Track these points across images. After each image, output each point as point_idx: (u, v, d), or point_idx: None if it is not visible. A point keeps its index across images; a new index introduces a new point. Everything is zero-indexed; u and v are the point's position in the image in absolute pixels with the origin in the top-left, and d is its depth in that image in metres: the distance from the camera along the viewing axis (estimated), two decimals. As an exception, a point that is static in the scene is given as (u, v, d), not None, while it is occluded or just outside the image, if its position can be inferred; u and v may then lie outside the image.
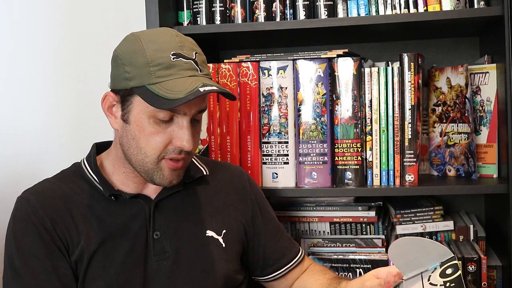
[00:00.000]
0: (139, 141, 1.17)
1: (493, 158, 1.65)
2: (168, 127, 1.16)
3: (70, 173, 1.28)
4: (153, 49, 1.14)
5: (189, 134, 1.16)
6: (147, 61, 1.13)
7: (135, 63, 1.14)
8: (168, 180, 1.20)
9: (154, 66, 1.13)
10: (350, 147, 1.59)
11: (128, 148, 1.19)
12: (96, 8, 2.01)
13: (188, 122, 1.16)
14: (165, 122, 1.16)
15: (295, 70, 1.59)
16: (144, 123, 1.16)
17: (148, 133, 1.16)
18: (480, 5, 1.59)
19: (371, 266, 1.61)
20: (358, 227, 1.72)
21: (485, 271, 1.56)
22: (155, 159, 1.17)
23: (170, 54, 1.14)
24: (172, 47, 1.15)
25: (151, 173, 1.19)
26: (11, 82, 2.06)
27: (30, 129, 2.06)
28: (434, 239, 1.73)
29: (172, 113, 1.15)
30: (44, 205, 1.20)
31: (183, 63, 1.14)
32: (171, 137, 1.16)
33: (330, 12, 1.62)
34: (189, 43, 1.19)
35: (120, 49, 1.19)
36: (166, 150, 1.17)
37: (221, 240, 1.29)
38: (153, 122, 1.15)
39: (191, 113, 1.16)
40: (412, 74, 1.55)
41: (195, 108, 1.17)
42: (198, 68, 1.16)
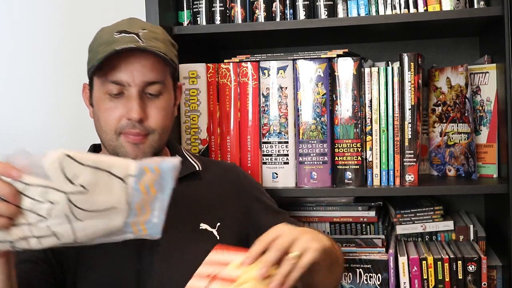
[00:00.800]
0: (100, 119, 1.23)
1: (493, 158, 1.65)
2: (120, 101, 1.21)
3: None
4: (104, 32, 1.24)
5: (136, 104, 1.19)
6: (98, 43, 1.22)
7: (91, 49, 1.24)
8: (131, 156, 1.21)
9: (100, 46, 1.20)
10: (350, 147, 1.59)
11: (97, 130, 1.26)
12: (96, 8, 2.01)
13: (136, 93, 1.19)
14: (117, 97, 1.20)
15: (295, 70, 1.59)
16: (101, 101, 1.22)
17: (104, 110, 1.21)
18: (480, 5, 1.59)
19: (371, 266, 1.61)
20: (358, 227, 1.72)
21: (485, 271, 1.56)
22: (113, 135, 1.21)
23: (115, 32, 1.21)
24: (119, 27, 1.22)
25: (116, 151, 1.23)
26: (11, 82, 2.06)
27: (30, 129, 2.06)
28: (434, 239, 1.73)
29: (119, 85, 1.19)
30: None
31: (124, 37, 1.20)
32: (122, 111, 1.20)
33: (330, 12, 1.62)
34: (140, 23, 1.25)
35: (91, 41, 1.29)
36: (120, 125, 1.21)
37: (215, 233, 1.29)
38: (107, 99, 1.21)
39: (135, 84, 1.19)
40: (412, 74, 1.55)
41: (139, 77, 1.19)
42: (140, 40, 1.19)
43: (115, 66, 1.18)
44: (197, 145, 1.64)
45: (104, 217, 0.94)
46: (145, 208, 0.97)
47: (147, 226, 0.98)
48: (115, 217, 0.95)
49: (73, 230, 0.93)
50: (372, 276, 1.61)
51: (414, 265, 1.58)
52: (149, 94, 1.22)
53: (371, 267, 1.61)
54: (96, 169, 0.92)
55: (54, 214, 0.91)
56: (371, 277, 1.61)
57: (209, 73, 1.63)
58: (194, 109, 1.63)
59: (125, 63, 1.19)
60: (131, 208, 0.96)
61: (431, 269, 1.57)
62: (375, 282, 1.61)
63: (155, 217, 0.98)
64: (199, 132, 1.64)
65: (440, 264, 1.57)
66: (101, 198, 0.93)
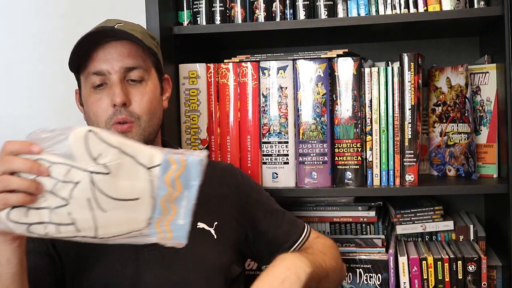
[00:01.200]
0: (90, 115, 1.24)
1: (493, 158, 1.65)
2: (103, 92, 1.22)
3: None
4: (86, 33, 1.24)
5: (118, 88, 1.20)
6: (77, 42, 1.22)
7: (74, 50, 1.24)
8: None
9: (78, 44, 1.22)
10: (350, 147, 1.59)
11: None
12: (96, 8, 2.01)
13: (117, 79, 1.21)
14: (100, 88, 1.22)
15: (295, 70, 1.59)
16: (88, 97, 1.24)
17: (91, 104, 1.23)
18: (480, 5, 1.59)
19: (371, 266, 1.61)
20: (358, 227, 1.72)
21: (485, 271, 1.56)
22: (104, 127, 1.22)
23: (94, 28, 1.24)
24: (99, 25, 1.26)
25: None
26: (11, 82, 2.06)
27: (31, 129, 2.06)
28: (434, 239, 1.73)
29: (101, 76, 1.21)
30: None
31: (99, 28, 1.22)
32: (107, 101, 1.22)
33: (330, 12, 1.62)
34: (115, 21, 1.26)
35: None
36: (108, 115, 1.22)
37: (213, 231, 1.29)
38: (93, 93, 1.23)
39: (115, 70, 1.21)
40: (412, 74, 1.55)
41: (118, 64, 1.21)
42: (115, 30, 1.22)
43: (94, 57, 1.21)
44: (197, 145, 1.64)
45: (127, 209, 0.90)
46: (170, 205, 0.93)
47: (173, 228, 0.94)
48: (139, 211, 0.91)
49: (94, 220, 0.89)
50: (372, 276, 1.61)
51: (414, 265, 1.58)
52: (131, 80, 1.24)
53: (371, 267, 1.61)
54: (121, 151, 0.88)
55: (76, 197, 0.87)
56: (371, 277, 1.61)
57: (209, 73, 1.63)
58: (194, 109, 1.63)
59: (103, 53, 1.22)
60: (156, 203, 0.92)
61: (431, 269, 1.57)
62: (375, 282, 1.61)
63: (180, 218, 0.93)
64: (199, 132, 1.64)
65: (440, 264, 1.57)
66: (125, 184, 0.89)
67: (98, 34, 1.21)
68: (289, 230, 1.41)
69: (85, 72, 1.23)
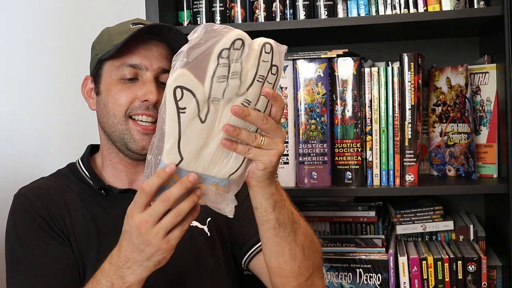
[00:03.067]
0: (108, 104, 1.22)
1: (493, 158, 1.65)
2: (133, 85, 1.21)
3: (65, 171, 1.33)
4: (116, 26, 1.26)
5: (153, 86, 1.20)
6: (110, 34, 1.23)
7: (102, 41, 1.24)
8: (140, 144, 1.22)
9: (115, 35, 1.22)
10: (350, 147, 1.59)
11: (102, 118, 1.25)
12: (96, 8, 2.01)
13: (152, 77, 1.21)
14: (131, 81, 1.21)
15: (295, 70, 1.59)
16: (111, 86, 1.21)
17: (114, 93, 1.21)
18: (480, 5, 1.59)
19: (371, 266, 1.61)
20: (358, 227, 1.72)
21: (485, 271, 1.56)
22: (122, 117, 1.21)
23: (130, 24, 1.23)
24: (132, 21, 1.25)
25: (122, 137, 1.22)
26: (11, 82, 2.06)
27: (31, 129, 2.06)
28: (434, 239, 1.73)
29: (135, 69, 1.20)
30: (39, 196, 1.23)
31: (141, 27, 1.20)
32: (137, 93, 1.20)
33: (330, 12, 1.62)
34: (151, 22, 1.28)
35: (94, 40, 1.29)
36: (132, 106, 1.20)
37: (206, 229, 1.29)
38: (120, 82, 1.21)
39: (153, 68, 1.21)
40: (412, 74, 1.55)
41: (157, 63, 1.21)
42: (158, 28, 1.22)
43: (133, 50, 1.20)
44: (197, 145, 1.64)
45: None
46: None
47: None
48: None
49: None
50: (372, 276, 1.61)
51: (414, 265, 1.58)
52: (162, 82, 1.23)
53: (371, 267, 1.61)
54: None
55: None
56: (371, 277, 1.62)
57: (209, 73, 1.63)
58: (194, 109, 1.63)
59: (144, 49, 1.20)
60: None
61: (431, 269, 1.57)
62: (375, 282, 1.61)
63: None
64: (199, 132, 1.64)
65: (440, 264, 1.57)
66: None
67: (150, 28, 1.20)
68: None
69: (118, 61, 1.21)
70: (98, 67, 1.25)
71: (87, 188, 1.28)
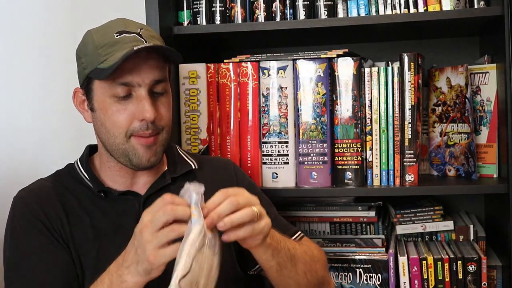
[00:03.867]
0: (106, 123, 1.21)
1: (493, 158, 1.65)
2: (128, 103, 1.19)
3: (64, 173, 1.32)
4: (99, 34, 1.20)
5: (148, 104, 1.18)
6: (94, 46, 1.19)
7: (87, 52, 1.20)
8: (145, 159, 1.22)
9: (100, 48, 1.18)
10: (350, 147, 1.59)
11: (101, 135, 1.24)
12: (96, 8, 2.01)
13: (146, 92, 1.19)
14: (125, 99, 1.19)
15: (295, 70, 1.59)
16: (106, 105, 1.19)
17: (111, 114, 1.19)
18: (480, 5, 1.59)
19: (371, 266, 1.61)
20: (358, 227, 1.72)
21: (485, 271, 1.56)
22: (124, 137, 1.20)
23: (114, 34, 1.19)
24: (116, 28, 1.20)
25: (126, 154, 1.21)
26: (12, 82, 2.06)
27: (31, 128, 2.06)
28: (434, 239, 1.73)
29: (128, 87, 1.18)
30: (38, 200, 1.23)
31: (126, 37, 1.18)
32: (133, 112, 1.19)
33: (330, 12, 1.62)
34: (134, 24, 1.22)
35: (77, 48, 1.25)
36: (132, 127, 1.19)
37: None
38: (114, 101, 1.19)
39: (145, 83, 1.18)
40: (412, 74, 1.55)
41: (149, 77, 1.18)
42: (143, 40, 1.19)
43: (123, 68, 1.16)
44: (197, 145, 1.64)
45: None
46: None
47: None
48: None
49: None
50: (372, 276, 1.61)
51: (414, 265, 1.58)
52: (155, 93, 1.21)
53: (371, 267, 1.61)
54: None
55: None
56: (371, 277, 1.62)
57: (209, 73, 1.63)
58: (194, 109, 1.63)
59: (133, 64, 1.17)
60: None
61: (431, 269, 1.57)
62: (375, 282, 1.61)
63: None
64: (199, 132, 1.64)
65: (440, 264, 1.57)
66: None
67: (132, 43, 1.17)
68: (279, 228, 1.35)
69: (109, 80, 1.18)
70: (87, 82, 1.22)
71: (86, 190, 1.27)
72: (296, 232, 1.39)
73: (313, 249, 1.32)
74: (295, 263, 1.22)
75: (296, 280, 1.23)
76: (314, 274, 1.27)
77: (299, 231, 1.40)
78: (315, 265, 1.28)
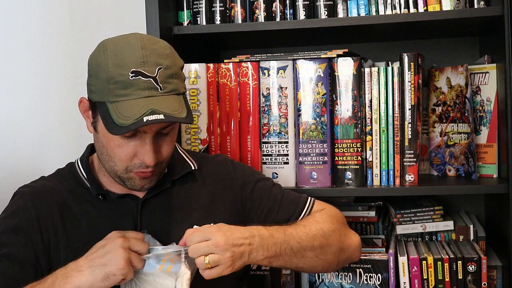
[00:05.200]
0: (108, 150, 1.20)
1: (493, 158, 1.65)
2: (132, 141, 1.18)
3: (64, 172, 1.34)
4: (115, 64, 1.14)
5: (150, 150, 1.18)
6: (108, 77, 1.14)
7: (98, 77, 1.16)
8: (139, 186, 1.24)
9: (113, 84, 1.13)
10: (350, 147, 1.59)
11: (101, 154, 1.24)
12: (96, 8, 2.01)
13: (150, 139, 1.18)
14: (129, 137, 1.18)
15: (295, 70, 1.59)
16: (109, 136, 1.18)
17: (114, 146, 1.19)
18: (480, 5, 1.59)
19: (371, 266, 1.61)
20: (358, 227, 1.72)
21: (485, 271, 1.56)
22: (124, 169, 1.21)
23: (130, 72, 1.13)
24: (133, 63, 1.14)
25: (122, 179, 1.23)
26: (11, 82, 2.06)
27: (30, 127, 2.06)
28: (434, 239, 1.73)
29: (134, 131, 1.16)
30: (34, 197, 1.25)
31: (141, 82, 1.13)
32: (135, 151, 1.19)
33: (330, 12, 1.62)
34: (154, 57, 1.16)
35: (91, 58, 1.21)
36: (133, 163, 1.20)
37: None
38: (118, 137, 1.17)
39: (152, 131, 1.18)
40: (412, 74, 1.55)
41: (156, 126, 1.17)
42: (158, 87, 1.14)
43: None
44: (197, 145, 1.64)
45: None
46: None
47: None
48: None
49: None
50: (372, 276, 1.61)
51: (414, 265, 1.58)
52: (162, 133, 1.21)
53: (371, 267, 1.61)
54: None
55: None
56: (371, 277, 1.62)
57: (209, 73, 1.63)
58: (194, 109, 1.63)
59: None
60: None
61: (431, 269, 1.57)
62: (375, 282, 1.61)
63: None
64: (199, 132, 1.64)
65: (440, 264, 1.57)
66: None
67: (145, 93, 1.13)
68: (289, 210, 1.38)
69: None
70: (94, 105, 1.19)
71: (85, 192, 1.28)
72: (305, 204, 1.39)
73: (323, 225, 1.32)
74: (303, 255, 1.26)
75: (307, 264, 1.28)
76: (329, 250, 1.30)
77: (308, 201, 1.40)
78: (327, 242, 1.29)
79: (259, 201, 1.37)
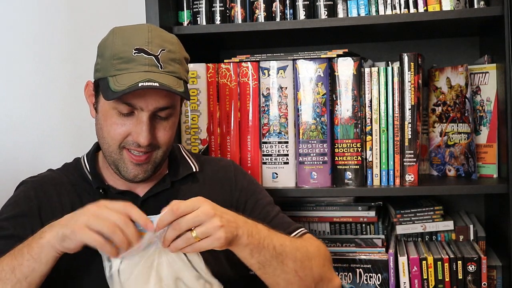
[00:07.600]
0: (103, 130, 1.22)
1: (493, 158, 1.65)
2: (128, 120, 1.20)
3: (70, 166, 1.35)
4: (121, 43, 1.19)
5: (146, 129, 1.19)
6: (112, 54, 1.18)
7: (104, 56, 1.21)
8: (132, 174, 1.23)
9: (116, 59, 1.18)
10: (350, 147, 1.59)
11: (98, 138, 1.26)
12: (96, 8, 2.01)
13: (147, 117, 1.19)
14: (126, 116, 1.19)
15: (295, 70, 1.59)
16: (107, 114, 1.21)
17: (110, 123, 1.20)
18: (480, 5, 1.59)
19: (371, 266, 1.61)
20: (358, 227, 1.73)
21: (485, 271, 1.56)
22: (116, 148, 1.22)
23: (133, 49, 1.17)
24: (138, 42, 1.18)
25: (116, 163, 1.23)
26: (12, 82, 2.06)
27: (30, 126, 2.06)
28: (434, 239, 1.73)
29: (131, 107, 1.18)
30: (38, 189, 1.27)
31: (142, 58, 1.17)
32: (130, 131, 1.20)
33: (330, 12, 1.62)
34: (160, 40, 1.20)
35: (100, 42, 1.25)
36: (126, 141, 1.21)
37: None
38: (115, 114, 1.20)
39: (148, 109, 1.19)
40: (412, 74, 1.55)
41: (153, 104, 1.18)
42: (159, 65, 1.18)
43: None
44: (197, 145, 1.64)
45: None
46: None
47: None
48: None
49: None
50: (372, 276, 1.62)
51: (414, 265, 1.58)
52: (159, 116, 1.22)
53: (371, 267, 1.61)
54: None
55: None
56: (371, 277, 1.62)
57: (209, 73, 1.63)
58: (194, 109, 1.63)
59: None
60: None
61: (431, 269, 1.57)
62: (375, 282, 1.61)
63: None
64: (199, 132, 1.64)
65: (440, 264, 1.57)
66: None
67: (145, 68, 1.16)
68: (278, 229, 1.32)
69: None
70: (97, 84, 1.23)
71: (87, 186, 1.29)
72: (298, 229, 1.36)
73: (309, 246, 1.28)
74: (282, 261, 1.18)
75: (285, 278, 1.20)
76: (308, 271, 1.23)
77: (302, 228, 1.37)
78: (309, 262, 1.24)
79: (250, 211, 1.35)
